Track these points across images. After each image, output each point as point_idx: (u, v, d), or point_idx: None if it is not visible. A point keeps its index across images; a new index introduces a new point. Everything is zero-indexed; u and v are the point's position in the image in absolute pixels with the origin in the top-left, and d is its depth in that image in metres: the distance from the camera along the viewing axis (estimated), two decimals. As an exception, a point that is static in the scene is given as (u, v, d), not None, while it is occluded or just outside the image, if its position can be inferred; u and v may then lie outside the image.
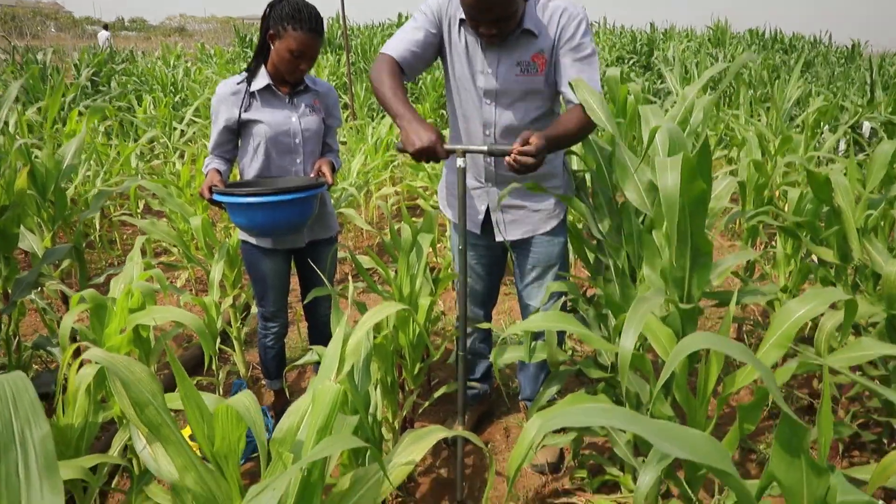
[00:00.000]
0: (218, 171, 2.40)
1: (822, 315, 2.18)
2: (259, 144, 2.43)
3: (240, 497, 1.10)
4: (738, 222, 4.94)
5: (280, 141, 2.43)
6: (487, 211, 2.33)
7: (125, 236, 5.07)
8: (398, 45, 2.09)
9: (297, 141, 2.45)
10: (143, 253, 4.52)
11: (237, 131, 2.46)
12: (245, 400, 1.06)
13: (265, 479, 1.02)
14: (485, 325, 2.48)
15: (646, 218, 2.16)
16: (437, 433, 1.24)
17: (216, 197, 2.26)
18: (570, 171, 2.39)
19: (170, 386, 3.07)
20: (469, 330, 2.63)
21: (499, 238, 2.34)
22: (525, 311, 2.46)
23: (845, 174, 2.54)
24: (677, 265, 1.60)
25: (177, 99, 8.37)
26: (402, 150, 1.97)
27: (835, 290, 1.50)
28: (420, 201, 4.23)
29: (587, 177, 2.51)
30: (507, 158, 1.86)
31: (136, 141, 6.02)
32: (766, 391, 1.46)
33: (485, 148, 1.97)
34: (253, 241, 2.51)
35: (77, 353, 1.95)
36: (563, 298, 2.09)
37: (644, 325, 1.44)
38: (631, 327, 1.32)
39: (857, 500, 0.87)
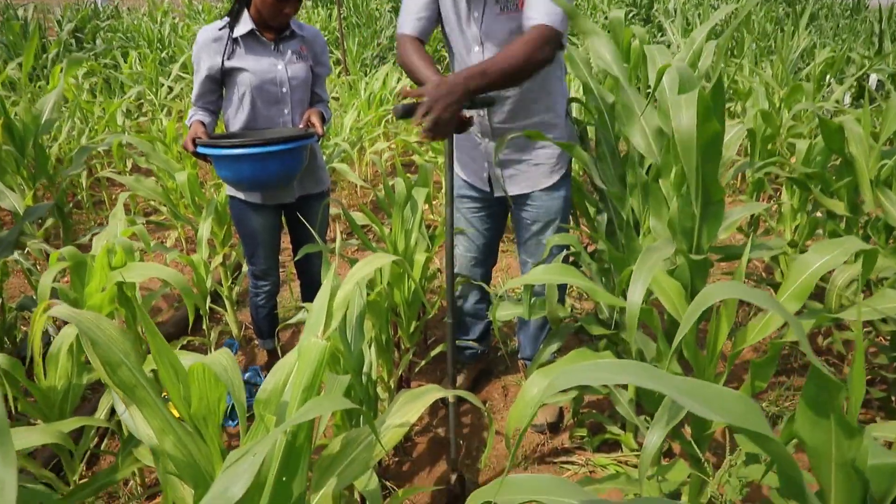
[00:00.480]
0: (202, 123, 2.28)
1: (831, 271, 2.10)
2: (244, 94, 2.30)
3: (222, 461, 1.03)
4: (739, 178, 4.83)
5: (266, 90, 2.30)
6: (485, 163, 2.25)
7: (114, 196, 4.94)
8: (408, 21, 2.11)
9: (283, 90, 2.33)
10: (129, 211, 4.42)
11: (220, 80, 2.33)
12: (222, 358, 0.98)
13: (245, 443, 0.94)
14: (478, 283, 2.40)
15: (651, 167, 2.06)
16: (432, 393, 1.16)
17: (200, 149, 2.15)
18: (573, 120, 2.28)
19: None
20: (466, 289, 2.54)
21: (498, 193, 2.25)
22: (524, 267, 2.39)
23: (859, 122, 2.43)
24: (686, 214, 1.50)
25: (164, 55, 8.13)
26: (404, 117, 1.79)
27: (854, 240, 1.42)
28: (415, 157, 4.11)
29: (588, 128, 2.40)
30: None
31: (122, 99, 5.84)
32: (780, 346, 1.39)
33: (488, 99, 1.83)
34: (241, 196, 2.41)
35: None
36: (565, 253, 2.00)
37: (651, 279, 1.36)
38: (639, 280, 1.24)
39: (890, 463, 0.79)
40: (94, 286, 1.81)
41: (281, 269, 2.88)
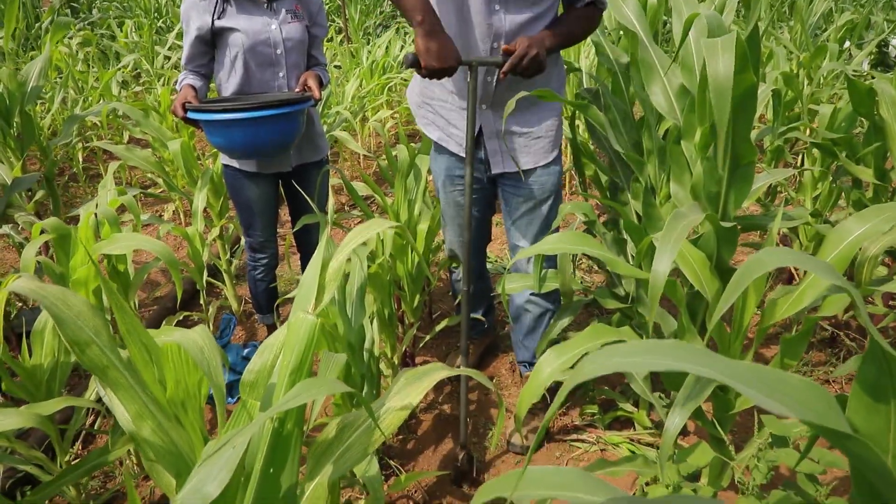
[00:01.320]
0: (192, 87, 2.15)
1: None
2: (236, 56, 2.17)
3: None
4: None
5: (259, 52, 2.17)
6: (481, 139, 1.99)
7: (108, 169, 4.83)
8: None
9: (278, 52, 2.19)
10: (121, 182, 4.31)
11: (211, 42, 2.20)
12: (197, 337, 0.88)
13: (224, 432, 0.84)
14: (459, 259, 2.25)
15: (668, 132, 1.93)
16: (436, 372, 1.06)
17: (190, 114, 2.03)
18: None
19: (158, 320, 2.92)
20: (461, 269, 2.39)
21: (497, 170, 2.01)
22: (513, 251, 2.15)
23: (892, 84, 2.28)
24: (712, 179, 1.38)
25: (161, 24, 7.94)
26: (413, 66, 1.69)
27: (898, 206, 1.29)
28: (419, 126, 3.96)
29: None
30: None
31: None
32: (814, 322, 1.28)
33: (499, 59, 1.73)
34: (236, 164, 2.29)
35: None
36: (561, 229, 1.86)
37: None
38: (666, 249, 1.12)
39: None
40: (79, 259, 1.70)
41: (281, 243, 2.78)
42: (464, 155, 2.04)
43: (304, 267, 2.63)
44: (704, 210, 1.42)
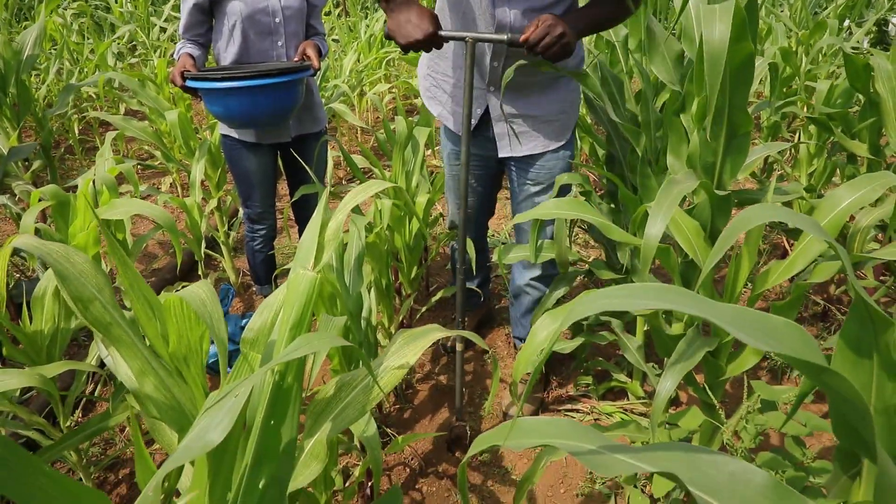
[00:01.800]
0: (191, 56, 2.15)
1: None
2: (234, 25, 2.16)
3: (207, 404, 0.95)
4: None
5: (258, 21, 2.16)
6: (488, 120, 1.94)
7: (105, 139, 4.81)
8: None
9: (276, 20, 2.18)
10: (118, 155, 4.29)
11: (209, 10, 2.19)
12: (200, 291, 0.90)
13: (227, 384, 0.86)
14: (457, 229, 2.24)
15: (666, 104, 1.93)
16: (433, 333, 1.08)
17: (189, 83, 2.02)
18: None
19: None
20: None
21: (504, 154, 1.96)
22: (517, 232, 2.15)
23: (888, 59, 2.28)
24: (708, 149, 1.39)
25: (157, -4, 7.83)
26: (389, 38, 1.65)
27: (889, 175, 1.31)
28: (417, 101, 3.96)
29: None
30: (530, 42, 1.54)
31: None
32: (804, 288, 1.30)
33: (505, 37, 1.59)
34: (234, 134, 2.29)
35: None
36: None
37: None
38: (659, 213, 1.14)
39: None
40: (78, 226, 1.71)
41: (279, 217, 2.78)
42: (447, 125, 2.05)
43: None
44: (701, 179, 1.43)
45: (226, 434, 0.71)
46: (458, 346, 1.89)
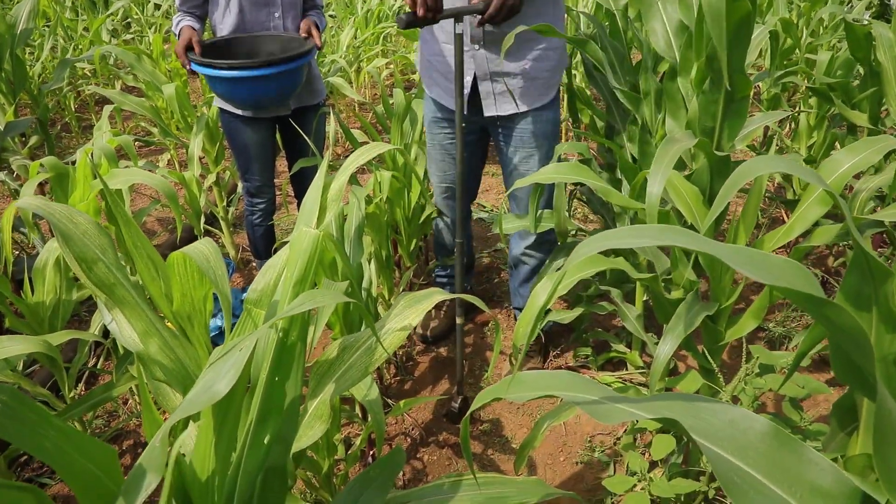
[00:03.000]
0: (192, 28, 2.13)
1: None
2: (231, -4, 2.14)
3: (211, 364, 0.96)
4: (752, 94, 4.64)
5: (254, -9, 2.14)
6: (474, 83, 1.94)
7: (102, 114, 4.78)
8: None
9: (273, -9, 2.16)
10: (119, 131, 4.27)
11: (205, -20, 2.17)
12: (204, 248, 0.90)
13: (230, 339, 0.87)
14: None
15: (665, 73, 1.93)
16: (435, 295, 1.09)
17: (195, 67, 2.01)
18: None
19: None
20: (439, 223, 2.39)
21: (489, 113, 1.96)
22: (511, 200, 2.15)
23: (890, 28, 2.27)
24: (707, 113, 1.39)
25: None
26: (409, 25, 1.62)
27: (889, 139, 1.31)
28: (415, 76, 3.93)
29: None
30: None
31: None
32: (804, 251, 1.31)
33: (480, 5, 1.64)
34: (232, 108, 2.28)
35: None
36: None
37: (666, 180, 1.26)
38: (659, 171, 1.14)
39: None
40: (78, 196, 1.71)
41: (278, 193, 2.78)
42: (442, 102, 2.06)
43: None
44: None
45: (231, 385, 0.72)
46: (459, 320, 1.90)
